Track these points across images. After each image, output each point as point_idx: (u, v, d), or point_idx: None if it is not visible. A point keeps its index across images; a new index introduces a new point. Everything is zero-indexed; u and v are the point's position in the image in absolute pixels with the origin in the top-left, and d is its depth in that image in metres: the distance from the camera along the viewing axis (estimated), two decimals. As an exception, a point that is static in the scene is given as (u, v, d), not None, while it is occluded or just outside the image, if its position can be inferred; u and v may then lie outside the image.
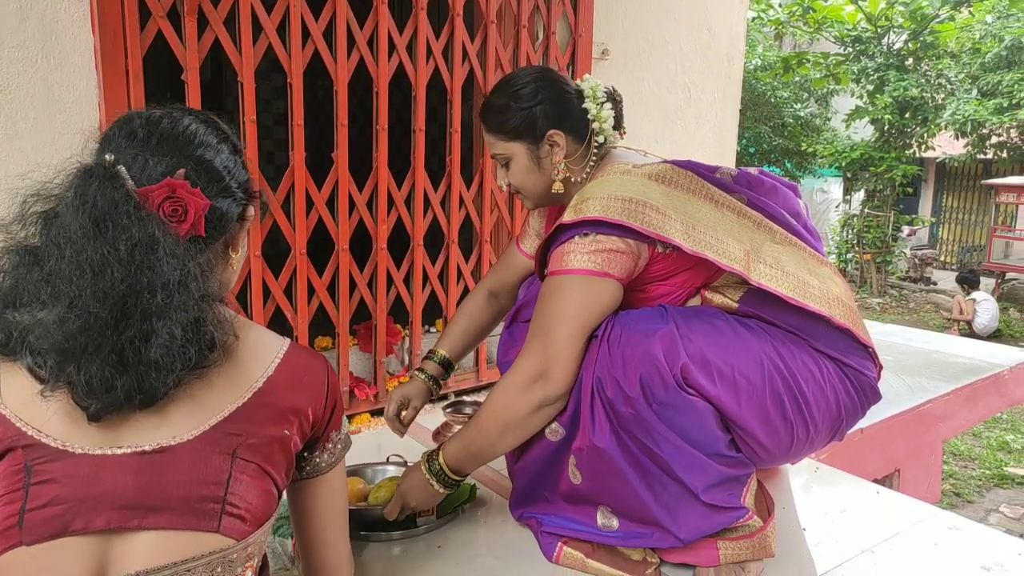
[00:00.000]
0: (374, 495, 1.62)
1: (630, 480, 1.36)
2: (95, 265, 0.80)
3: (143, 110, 0.96)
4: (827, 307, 1.39)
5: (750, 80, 11.17)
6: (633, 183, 1.39)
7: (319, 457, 1.03)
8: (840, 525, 1.69)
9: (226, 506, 0.85)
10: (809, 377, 1.38)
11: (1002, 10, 9.67)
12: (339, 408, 1.05)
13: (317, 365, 1.00)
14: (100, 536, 0.80)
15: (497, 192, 2.61)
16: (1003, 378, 3.06)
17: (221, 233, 0.96)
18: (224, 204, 0.94)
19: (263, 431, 0.91)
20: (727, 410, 1.34)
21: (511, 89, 1.51)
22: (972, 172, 13.46)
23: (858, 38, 10.60)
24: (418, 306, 2.48)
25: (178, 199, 0.87)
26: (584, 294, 1.37)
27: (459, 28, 2.41)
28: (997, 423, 5.45)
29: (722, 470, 1.36)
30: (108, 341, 0.80)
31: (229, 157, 0.97)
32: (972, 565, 1.54)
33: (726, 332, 1.37)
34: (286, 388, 0.95)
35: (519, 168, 1.54)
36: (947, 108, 10.02)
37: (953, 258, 13.57)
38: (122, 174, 0.86)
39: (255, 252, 2.08)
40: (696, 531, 1.37)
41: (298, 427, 0.96)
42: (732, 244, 1.37)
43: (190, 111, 0.99)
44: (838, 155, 11.31)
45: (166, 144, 0.91)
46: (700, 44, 3.21)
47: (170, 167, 0.89)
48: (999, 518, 4.08)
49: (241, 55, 1.98)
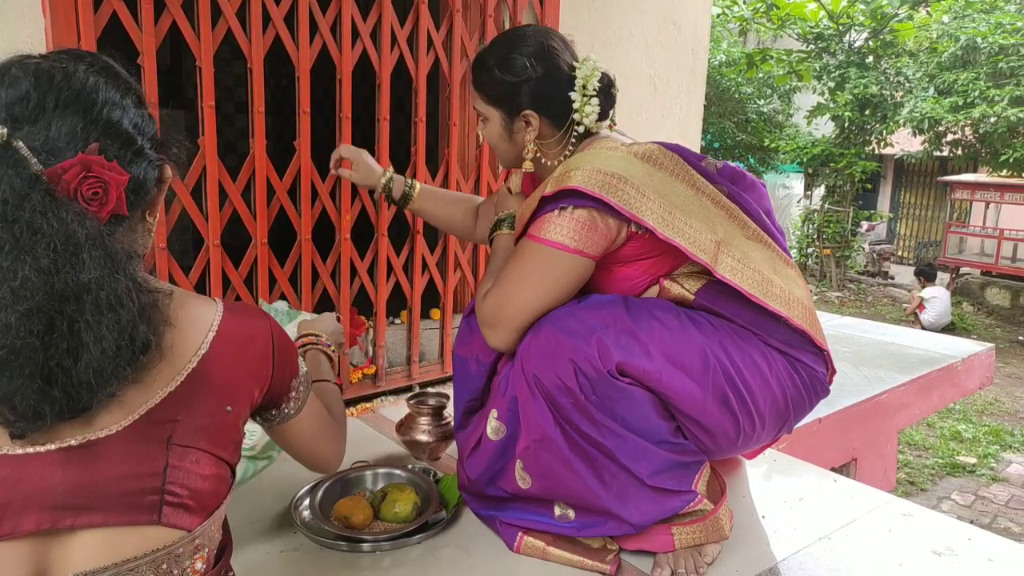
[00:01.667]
0: (391, 511, 1.55)
1: (578, 470, 1.36)
2: (12, 281, 0.70)
3: (23, 56, 0.81)
4: (786, 308, 1.41)
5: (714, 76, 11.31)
6: (618, 159, 1.39)
7: (287, 408, 1.01)
8: (798, 513, 1.72)
9: (165, 496, 0.79)
10: (756, 372, 1.40)
11: (958, 11, 9.91)
12: (291, 359, 0.99)
13: (257, 331, 0.92)
14: (34, 539, 0.75)
15: (463, 182, 2.60)
16: (956, 369, 3.14)
17: (141, 203, 0.85)
18: (140, 170, 0.83)
19: (201, 413, 0.83)
20: (668, 397, 1.35)
21: (506, 54, 1.49)
22: (929, 169, 13.80)
23: (820, 35, 10.79)
24: (382, 297, 2.46)
25: (96, 178, 0.76)
26: (552, 269, 1.37)
27: (424, 16, 2.38)
28: (950, 413, 5.61)
29: (668, 456, 1.37)
30: (35, 364, 0.72)
31: (136, 112, 0.84)
32: (924, 550, 1.58)
33: (672, 326, 1.38)
34: (224, 364, 0.87)
35: (492, 132, 1.56)
36: (905, 106, 10.25)
37: (910, 253, 13.90)
38: (23, 152, 0.73)
39: (214, 242, 2.04)
40: (648, 515, 1.38)
41: (246, 397, 0.90)
42: (705, 233, 1.37)
43: (78, 55, 0.85)
44: (800, 151, 11.51)
45: (66, 106, 0.78)
46: (665, 38, 3.22)
47: (77, 136, 0.77)
48: (951, 505, 4.20)
49: (200, 39, 1.93)
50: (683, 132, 3.41)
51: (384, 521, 1.55)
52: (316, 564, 1.44)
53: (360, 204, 2.35)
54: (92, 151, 0.77)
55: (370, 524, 1.54)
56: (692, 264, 1.43)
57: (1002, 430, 5.36)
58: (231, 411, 0.87)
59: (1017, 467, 4.77)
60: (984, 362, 3.33)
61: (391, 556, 1.48)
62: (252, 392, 0.92)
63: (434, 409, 1.83)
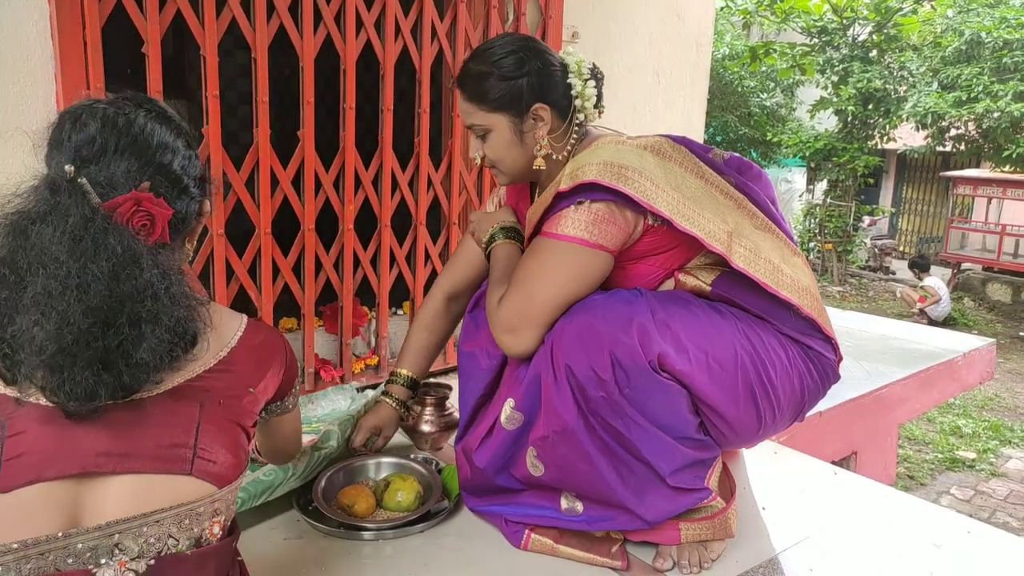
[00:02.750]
0: (393, 500, 1.56)
1: (596, 463, 1.35)
2: (80, 283, 0.82)
3: (91, 103, 0.96)
4: (796, 296, 1.42)
5: (718, 69, 11.26)
6: (629, 152, 1.37)
7: (288, 401, 1.20)
8: (798, 504, 1.73)
9: (198, 450, 0.90)
10: (777, 363, 1.40)
11: (962, 5, 9.86)
12: (295, 366, 1.16)
13: (274, 340, 1.10)
14: (75, 481, 0.84)
15: (466, 174, 2.60)
16: (956, 364, 3.15)
17: (182, 232, 1.00)
18: (183, 205, 0.97)
19: (229, 389, 0.98)
20: (701, 394, 1.35)
21: (494, 57, 1.44)
22: (932, 164, 13.76)
23: (824, 29, 10.73)
24: (385, 288, 2.46)
25: (145, 212, 0.89)
26: (574, 265, 1.36)
27: (428, 7, 2.38)
28: (950, 408, 5.62)
29: (689, 453, 1.37)
30: (96, 351, 0.83)
31: (185, 154, 0.98)
32: (923, 542, 1.59)
33: (701, 318, 1.38)
34: (246, 360, 1.02)
35: (499, 141, 1.47)
36: (909, 100, 10.21)
37: (912, 248, 13.87)
38: (86, 188, 0.87)
39: (218, 231, 2.04)
40: (662, 513, 1.38)
41: (263, 387, 1.05)
42: (717, 223, 1.37)
43: (140, 102, 0.98)
44: (802, 145, 11.47)
45: (125, 149, 0.92)
46: (670, 30, 3.21)
47: (132, 176, 0.91)
48: (950, 500, 4.22)
49: (204, 28, 1.93)
50: (686, 125, 3.40)
51: (387, 510, 1.56)
52: (319, 552, 1.45)
53: (363, 195, 2.35)
54: (144, 189, 0.90)
55: (373, 513, 1.55)
56: (704, 256, 1.43)
57: (1002, 425, 5.37)
58: (253, 392, 1.02)
59: (1016, 462, 4.78)
60: (985, 357, 3.34)
61: (393, 545, 1.49)
62: (269, 385, 1.08)
63: (437, 399, 1.84)
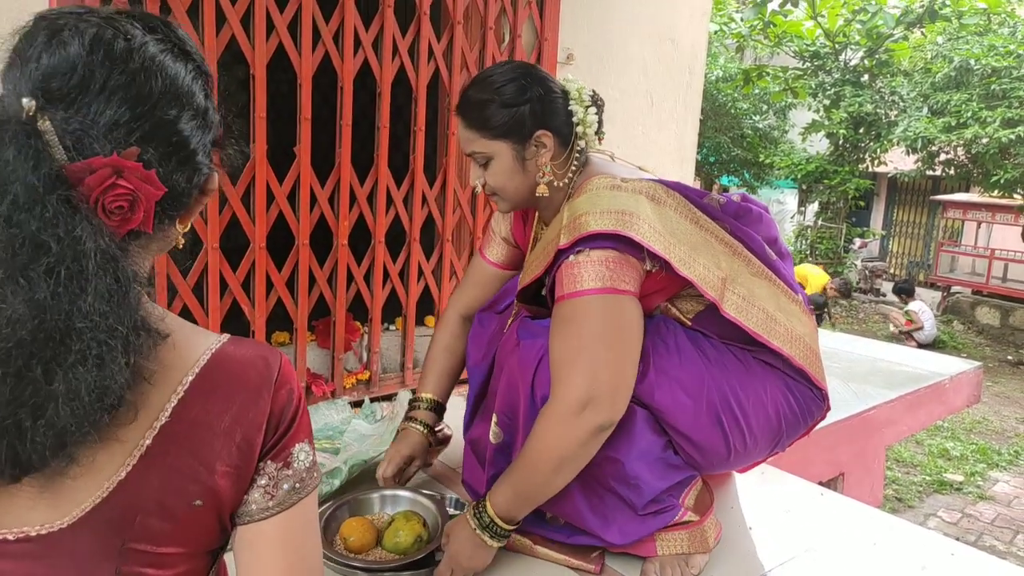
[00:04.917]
0: (391, 540, 1.46)
1: (567, 488, 1.35)
2: (3, 296, 0.56)
3: (83, 11, 0.64)
4: (788, 346, 1.42)
5: (711, 91, 11.38)
6: (625, 198, 1.36)
7: (249, 496, 0.71)
8: (785, 525, 1.74)
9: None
10: (751, 392, 1.42)
11: (953, 32, 10.01)
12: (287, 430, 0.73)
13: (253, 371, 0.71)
14: None
15: (460, 191, 2.62)
16: (944, 387, 3.17)
17: (171, 214, 0.70)
18: (181, 179, 0.68)
19: (163, 503, 0.65)
20: (661, 412, 1.38)
21: (495, 84, 1.42)
22: (922, 188, 13.89)
23: (816, 54, 10.89)
24: (378, 303, 2.47)
25: (124, 189, 0.61)
26: (610, 313, 1.30)
27: (425, 27, 2.41)
28: (938, 431, 5.64)
29: (661, 477, 1.41)
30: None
31: (202, 105, 0.69)
32: (909, 564, 1.60)
33: (669, 345, 1.41)
34: (199, 420, 0.67)
35: (501, 169, 1.44)
36: (899, 125, 10.33)
37: (902, 271, 13.97)
38: (48, 137, 0.59)
39: (213, 245, 2.06)
40: (630, 536, 1.42)
41: (224, 474, 0.68)
42: (712, 269, 1.37)
43: (152, 24, 0.68)
44: (794, 167, 11.59)
45: (117, 91, 0.62)
46: (663, 54, 3.26)
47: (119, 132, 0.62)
48: (937, 522, 4.22)
49: (204, 44, 1.96)
50: (679, 147, 3.44)
51: (384, 549, 1.49)
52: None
53: (358, 211, 2.37)
54: (129, 155, 0.62)
55: (369, 549, 1.49)
56: (688, 290, 1.44)
57: (989, 449, 5.40)
58: (199, 505, 0.68)
59: (1003, 486, 4.80)
60: (972, 380, 3.36)
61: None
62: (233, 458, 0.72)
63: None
